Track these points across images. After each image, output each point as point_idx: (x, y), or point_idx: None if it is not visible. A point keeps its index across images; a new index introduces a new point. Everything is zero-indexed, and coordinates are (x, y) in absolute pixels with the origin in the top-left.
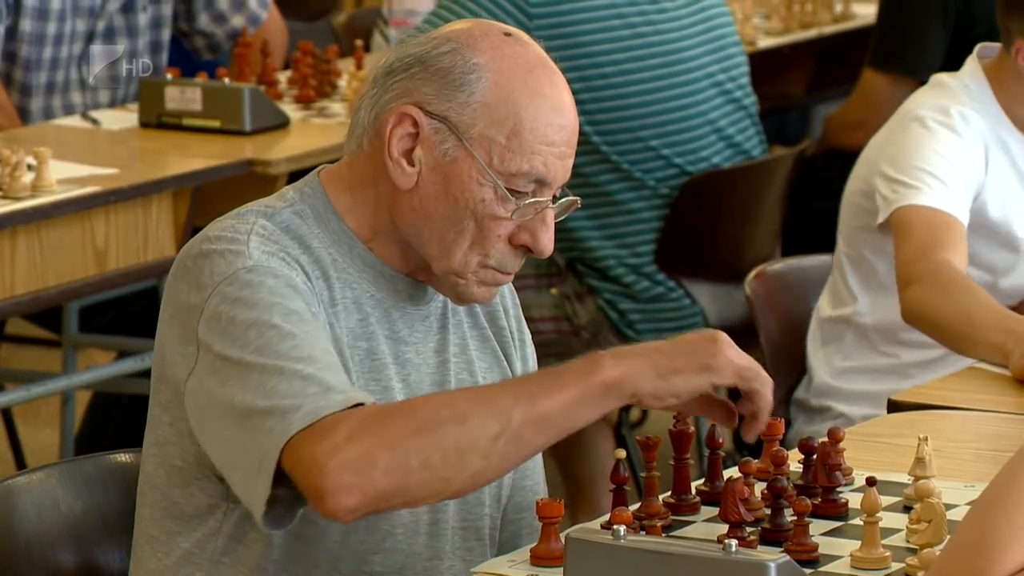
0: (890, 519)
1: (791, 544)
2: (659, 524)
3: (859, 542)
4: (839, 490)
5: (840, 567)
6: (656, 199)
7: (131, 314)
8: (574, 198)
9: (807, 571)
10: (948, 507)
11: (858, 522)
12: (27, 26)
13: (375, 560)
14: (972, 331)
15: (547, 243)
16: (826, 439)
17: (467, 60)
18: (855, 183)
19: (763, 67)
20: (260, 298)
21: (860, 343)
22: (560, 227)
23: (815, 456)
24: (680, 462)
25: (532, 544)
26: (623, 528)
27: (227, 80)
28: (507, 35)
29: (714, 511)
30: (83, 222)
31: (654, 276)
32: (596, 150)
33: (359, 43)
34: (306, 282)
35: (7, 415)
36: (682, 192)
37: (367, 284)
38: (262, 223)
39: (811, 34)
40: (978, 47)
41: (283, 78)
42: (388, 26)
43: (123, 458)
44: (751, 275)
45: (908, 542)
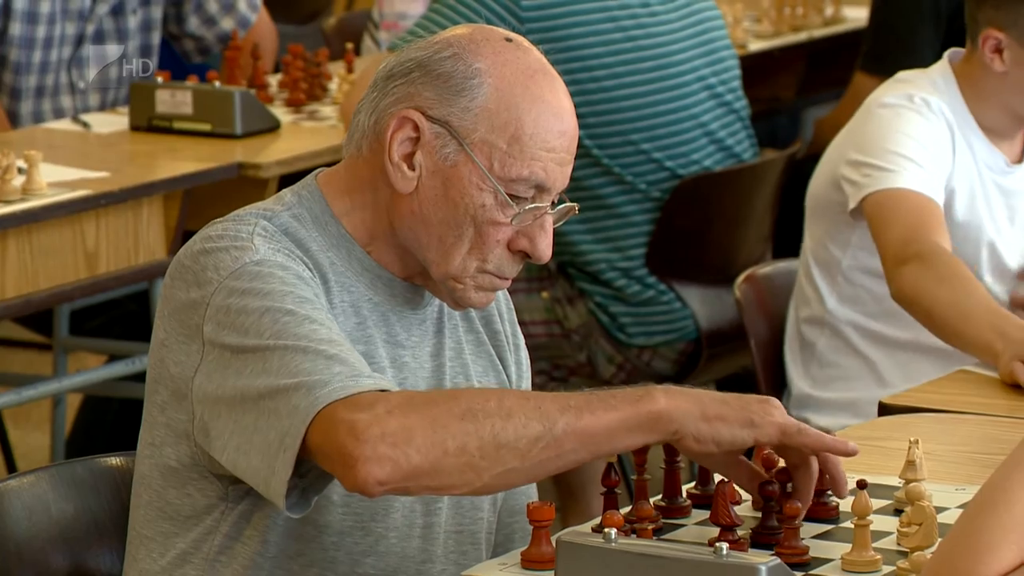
0: (881, 522)
1: (782, 547)
2: (650, 527)
3: (850, 545)
4: (830, 493)
5: (831, 570)
6: (647, 202)
7: (122, 317)
8: (572, 204)
9: (798, 574)
10: (939, 510)
11: (849, 525)
12: (16, 30)
13: (367, 563)
14: (964, 326)
15: (545, 249)
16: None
17: (468, 65)
18: (819, 179)
19: (754, 70)
20: (272, 287)
21: (834, 343)
22: None
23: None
24: (671, 465)
25: (523, 547)
26: (614, 531)
27: (217, 83)
28: (508, 40)
29: (705, 514)
30: (74, 225)
31: (645, 279)
32: (587, 153)
33: (349, 46)
34: (312, 278)
35: None
36: (673, 195)
37: (365, 288)
38: (263, 224)
39: (802, 37)
40: (949, 51)
41: (273, 81)
42: (378, 29)
43: (114, 461)
44: (741, 278)
45: (899, 545)
